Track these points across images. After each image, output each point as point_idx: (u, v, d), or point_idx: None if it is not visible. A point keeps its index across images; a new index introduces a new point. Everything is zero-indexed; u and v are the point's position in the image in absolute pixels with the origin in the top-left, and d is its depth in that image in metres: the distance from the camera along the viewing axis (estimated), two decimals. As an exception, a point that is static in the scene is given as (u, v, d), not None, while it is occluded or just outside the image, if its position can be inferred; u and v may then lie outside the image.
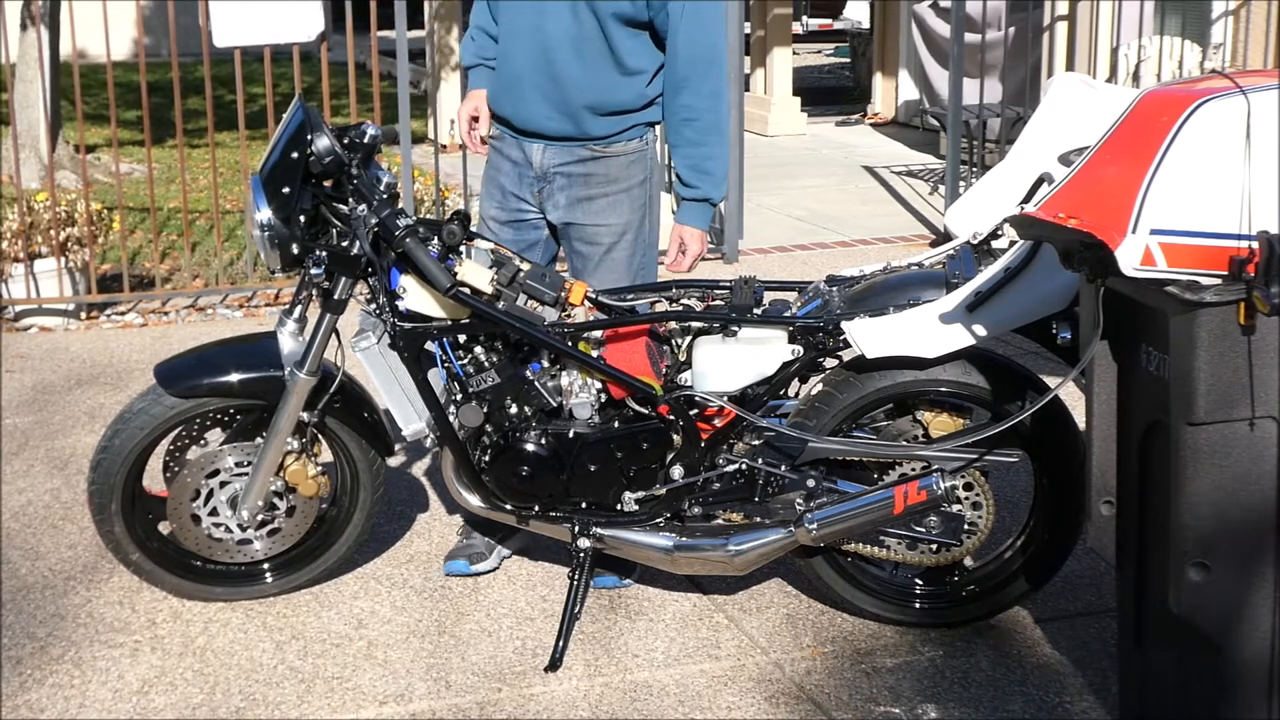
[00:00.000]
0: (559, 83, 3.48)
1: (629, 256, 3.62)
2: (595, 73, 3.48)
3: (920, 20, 11.34)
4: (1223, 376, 2.38)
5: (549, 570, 3.74)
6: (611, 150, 3.56)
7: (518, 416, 3.29)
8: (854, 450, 3.26)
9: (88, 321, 6.27)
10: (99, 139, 10.74)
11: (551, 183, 3.59)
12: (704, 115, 3.50)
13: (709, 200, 3.58)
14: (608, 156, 3.56)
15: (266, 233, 3.18)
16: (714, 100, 3.51)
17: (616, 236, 3.60)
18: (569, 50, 3.46)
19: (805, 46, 18.48)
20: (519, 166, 3.61)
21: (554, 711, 3.09)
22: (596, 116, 3.51)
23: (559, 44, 3.46)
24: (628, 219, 3.60)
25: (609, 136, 3.55)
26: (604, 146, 3.55)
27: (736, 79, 7.19)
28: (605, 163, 3.56)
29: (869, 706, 3.09)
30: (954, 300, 3.09)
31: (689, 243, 3.60)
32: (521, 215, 3.63)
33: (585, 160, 3.56)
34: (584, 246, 3.61)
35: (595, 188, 3.57)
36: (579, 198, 3.58)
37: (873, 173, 9.82)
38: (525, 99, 3.54)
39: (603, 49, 3.46)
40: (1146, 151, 2.38)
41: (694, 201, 3.57)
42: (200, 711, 3.10)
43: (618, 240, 3.60)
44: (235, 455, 3.45)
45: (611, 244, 3.60)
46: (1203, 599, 2.50)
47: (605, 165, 3.56)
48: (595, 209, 3.58)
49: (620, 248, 3.61)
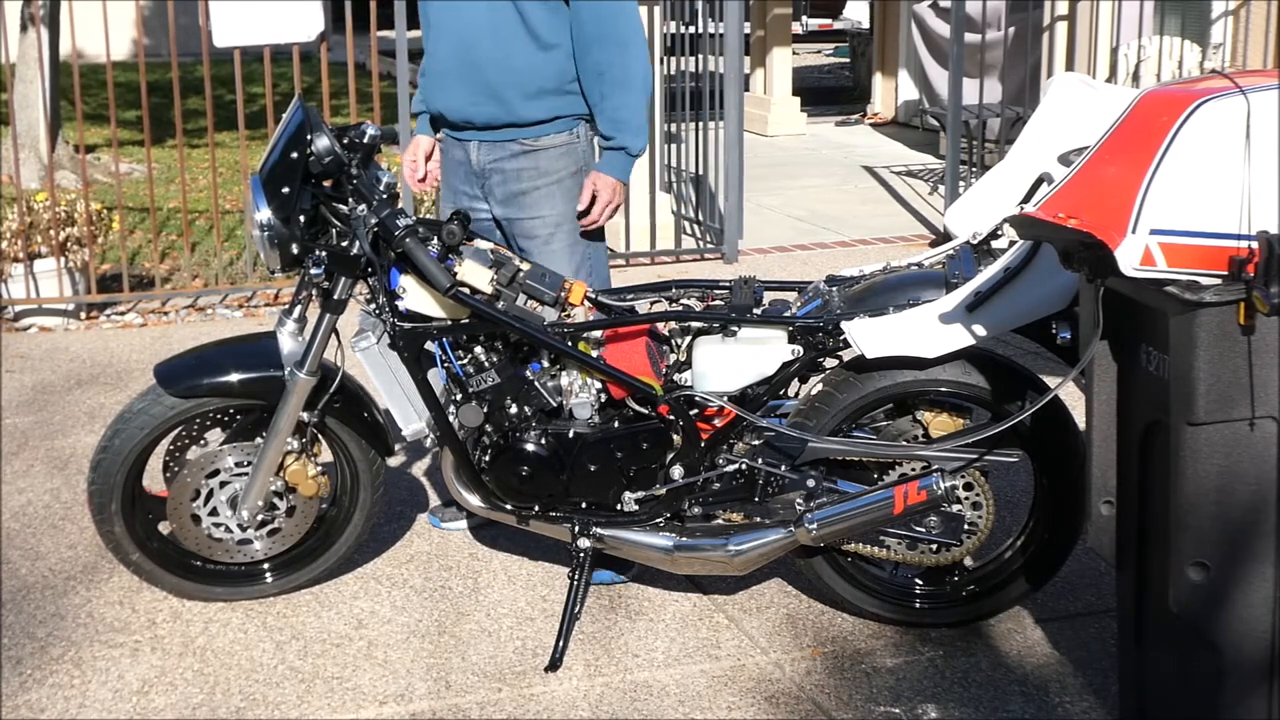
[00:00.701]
0: (479, 66, 3.60)
1: (568, 248, 3.69)
2: (512, 51, 3.58)
3: (920, 20, 11.34)
4: (1222, 376, 2.38)
5: (549, 570, 3.74)
6: (541, 144, 3.65)
7: (518, 416, 3.29)
8: (854, 450, 3.26)
9: (87, 321, 6.27)
10: (99, 139, 10.74)
11: (489, 179, 3.70)
12: (611, 68, 3.57)
13: (625, 150, 3.63)
14: (537, 150, 3.65)
15: (266, 233, 3.18)
16: (621, 53, 3.58)
17: (552, 229, 3.68)
18: (485, 33, 3.58)
19: (805, 46, 18.49)
20: (463, 165, 3.74)
21: (554, 711, 3.09)
22: (521, 98, 3.60)
23: (475, 28, 3.59)
24: (562, 210, 3.68)
25: (537, 125, 3.63)
26: (534, 140, 3.64)
27: (736, 79, 7.21)
28: (535, 156, 3.65)
29: (869, 706, 3.09)
30: (954, 300, 3.09)
31: (600, 190, 3.64)
32: (475, 214, 3.67)
33: (517, 155, 3.66)
34: (523, 241, 3.70)
35: (527, 181, 3.66)
36: (513, 192, 3.68)
37: (873, 173, 9.82)
38: (451, 90, 3.66)
39: (518, 27, 3.56)
40: (1146, 151, 2.38)
41: (612, 150, 3.64)
42: (200, 711, 3.10)
43: (554, 232, 3.68)
44: (235, 455, 3.45)
45: (548, 236, 3.68)
46: (1203, 599, 2.50)
47: (535, 159, 3.66)
48: (529, 202, 3.67)
49: (558, 239, 3.68)
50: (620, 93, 3.58)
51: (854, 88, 14.17)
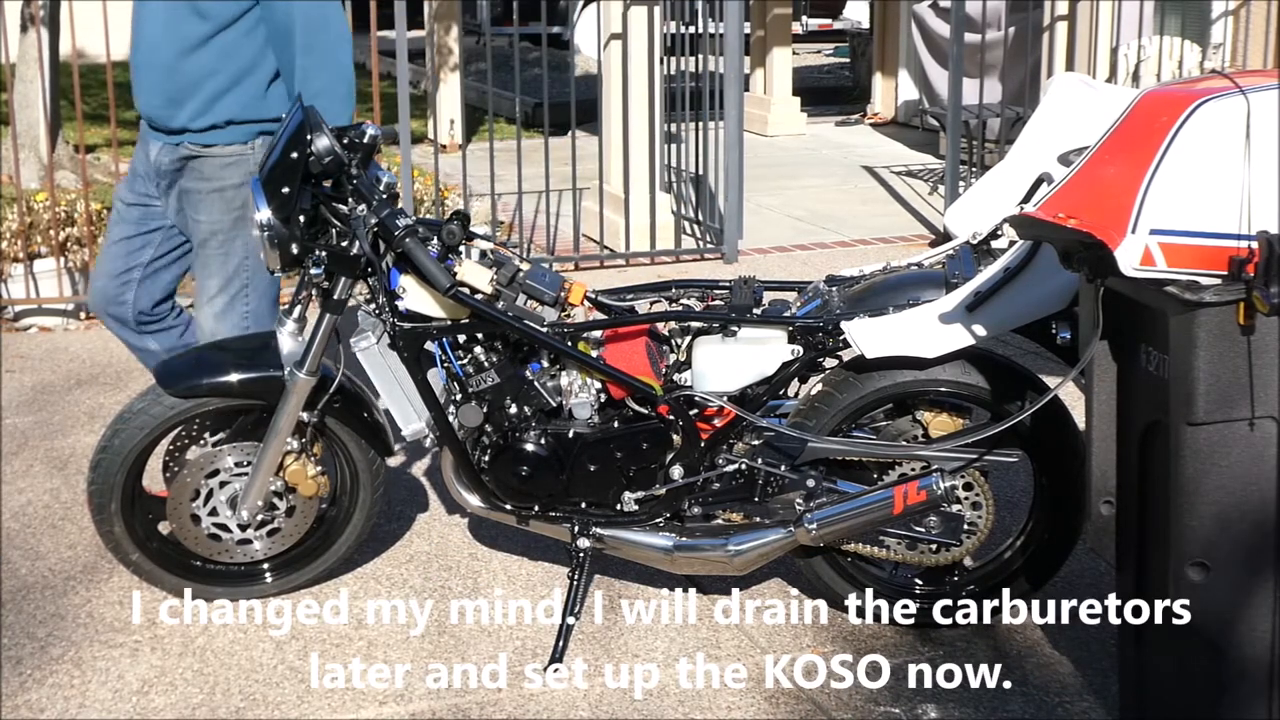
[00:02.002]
0: (154, 67, 3.65)
1: (222, 257, 3.73)
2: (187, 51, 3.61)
3: (920, 20, 11.34)
4: (1222, 376, 2.38)
5: (549, 570, 3.74)
6: (210, 151, 3.68)
7: (517, 416, 3.29)
8: (854, 450, 3.26)
9: (87, 321, 6.26)
10: (99, 139, 10.73)
11: (165, 179, 3.75)
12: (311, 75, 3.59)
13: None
14: (205, 156, 3.69)
15: (266, 233, 3.18)
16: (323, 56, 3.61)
17: (207, 234, 3.73)
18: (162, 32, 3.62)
19: (805, 46, 18.46)
20: (147, 162, 3.79)
21: (554, 711, 3.09)
22: (194, 101, 3.63)
23: (154, 27, 3.64)
24: (217, 219, 3.71)
25: (211, 130, 3.66)
26: (203, 146, 3.68)
27: (736, 79, 7.21)
28: (202, 161, 3.70)
29: (869, 706, 3.09)
30: (954, 300, 3.09)
31: None
32: (146, 202, 3.80)
33: (187, 159, 3.71)
34: (191, 239, 3.79)
35: (191, 182, 3.72)
36: (180, 191, 3.74)
37: (873, 173, 9.81)
38: (139, 87, 3.72)
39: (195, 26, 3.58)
40: (1146, 151, 2.38)
41: None
42: (200, 711, 3.10)
43: (208, 238, 3.73)
44: (235, 455, 3.45)
45: (203, 240, 3.74)
46: (1203, 599, 2.50)
47: (201, 164, 3.70)
48: (189, 204, 3.74)
49: (212, 246, 3.73)
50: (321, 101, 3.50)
51: (854, 88, 14.16)
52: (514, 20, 7.15)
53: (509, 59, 8.07)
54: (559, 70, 10.49)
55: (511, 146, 7.23)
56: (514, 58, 7.21)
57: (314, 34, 3.60)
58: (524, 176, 7.17)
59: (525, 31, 9.16)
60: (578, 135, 7.52)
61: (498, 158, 7.26)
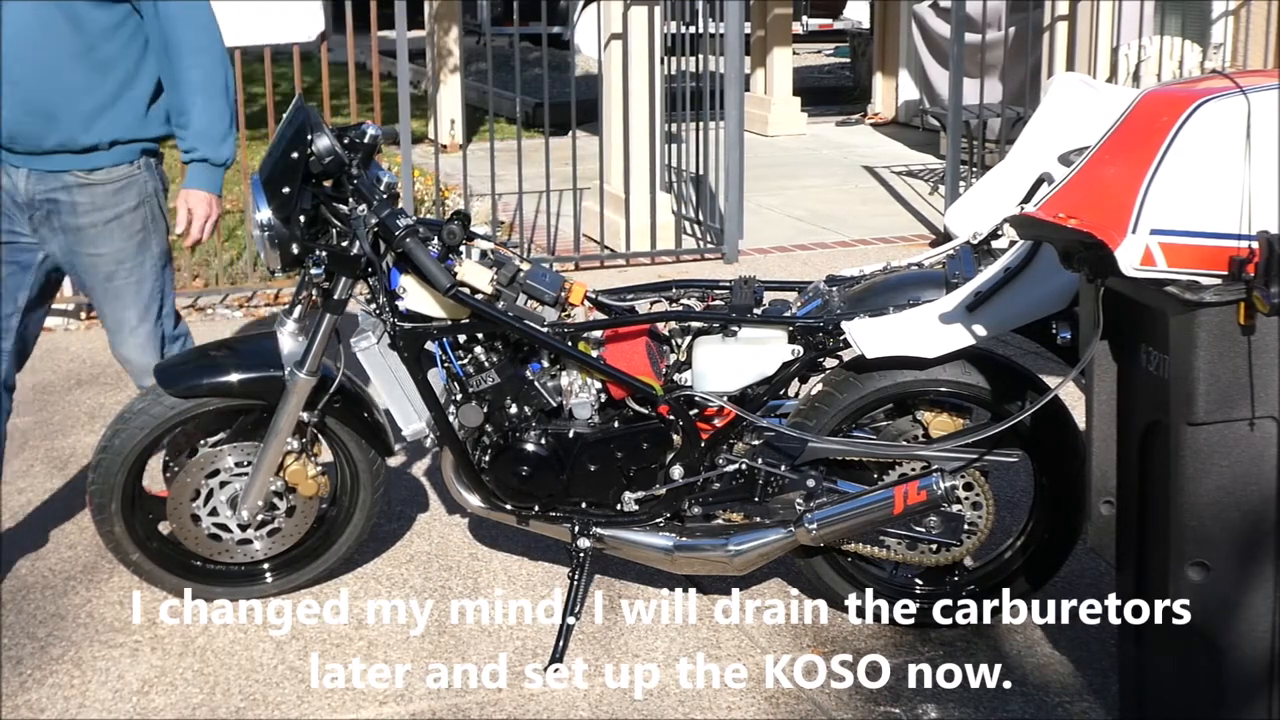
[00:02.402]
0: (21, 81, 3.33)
1: (135, 285, 3.56)
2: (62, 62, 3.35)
3: (920, 20, 11.34)
4: (1222, 376, 2.38)
5: (549, 570, 3.74)
6: (95, 178, 3.45)
7: (518, 416, 3.29)
8: (854, 450, 3.26)
9: (88, 321, 6.26)
10: None
11: (40, 210, 3.47)
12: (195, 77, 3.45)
13: (208, 161, 3.54)
14: (93, 185, 3.45)
15: (266, 233, 3.18)
16: (204, 59, 3.46)
17: (114, 265, 3.52)
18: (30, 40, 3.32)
19: (805, 46, 18.47)
20: (9, 193, 3.47)
21: (554, 711, 3.09)
22: (72, 118, 3.38)
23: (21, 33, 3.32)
24: (120, 247, 3.51)
25: (92, 151, 3.43)
26: (87, 174, 3.44)
27: (737, 79, 7.21)
28: (91, 190, 3.45)
29: (869, 706, 3.09)
30: (954, 300, 3.09)
31: (195, 207, 3.55)
32: (14, 239, 3.49)
33: (71, 188, 3.44)
34: (86, 276, 3.55)
35: (83, 216, 3.47)
36: (70, 226, 3.48)
37: (873, 173, 9.81)
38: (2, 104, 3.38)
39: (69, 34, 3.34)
40: (1146, 151, 2.38)
41: (197, 163, 3.54)
42: (200, 711, 3.10)
43: (115, 269, 3.53)
44: (235, 455, 3.45)
45: (110, 273, 3.53)
46: (1202, 599, 2.50)
47: (91, 194, 3.45)
48: (86, 239, 3.49)
49: (120, 276, 3.54)
50: (205, 101, 3.45)
51: (854, 88, 14.16)
52: (514, 20, 7.16)
53: (509, 59, 8.07)
54: (559, 70, 10.50)
55: (512, 146, 7.23)
56: (514, 58, 7.21)
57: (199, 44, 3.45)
58: (524, 176, 7.17)
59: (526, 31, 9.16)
60: (578, 135, 7.52)
61: (498, 158, 7.27)
